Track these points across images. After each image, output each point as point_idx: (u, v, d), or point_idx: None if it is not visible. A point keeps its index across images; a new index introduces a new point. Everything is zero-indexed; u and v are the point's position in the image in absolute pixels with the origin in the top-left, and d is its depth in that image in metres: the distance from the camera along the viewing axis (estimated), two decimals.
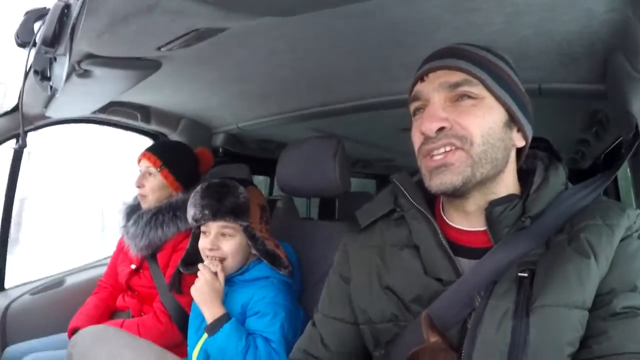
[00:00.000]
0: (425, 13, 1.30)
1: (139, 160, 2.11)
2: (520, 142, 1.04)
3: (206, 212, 1.64)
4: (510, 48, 1.06)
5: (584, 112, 2.25)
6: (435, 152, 0.98)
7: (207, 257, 1.66)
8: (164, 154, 2.10)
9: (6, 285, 2.25)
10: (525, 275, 0.91)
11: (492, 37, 1.09)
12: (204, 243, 1.67)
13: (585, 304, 0.88)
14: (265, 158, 3.17)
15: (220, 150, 2.90)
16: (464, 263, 1.01)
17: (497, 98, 0.99)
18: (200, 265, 1.62)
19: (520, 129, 1.02)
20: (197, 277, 1.63)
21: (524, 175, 1.08)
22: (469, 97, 0.98)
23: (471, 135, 0.96)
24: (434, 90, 1.00)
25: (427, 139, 0.99)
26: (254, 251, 1.69)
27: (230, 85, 2.07)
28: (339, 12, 1.25)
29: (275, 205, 2.18)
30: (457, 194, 1.01)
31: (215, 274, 1.62)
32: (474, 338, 0.90)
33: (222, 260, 1.65)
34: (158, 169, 2.06)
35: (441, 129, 0.97)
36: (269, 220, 1.82)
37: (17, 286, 2.29)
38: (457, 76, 0.99)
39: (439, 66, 1.01)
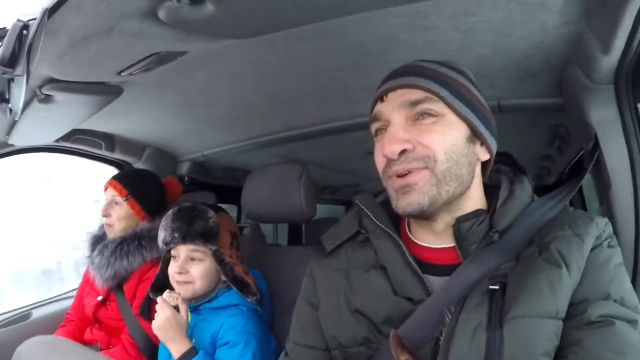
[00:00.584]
0: (381, 33, 1.33)
1: (105, 189, 2.09)
2: (485, 156, 1.04)
3: (176, 235, 1.64)
4: (468, 66, 1.08)
5: (545, 127, 2.29)
6: (399, 174, 0.98)
7: (176, 282, 1.65)
8: (130, 182, 2.09)
9: None
10: (497, 287, 0.91)
11: (449, 55, 1.12)
12: (173, 267, 1.66)
13: (558, 314, 0.88)
14: (231, 186, 3.15)
15: (186, 178, 2.87)
16: (434, 281, 1.00)
17: (458, 114, 0.99)
18: (159, 300, 1.60)
19: (483, 143, 1.03)
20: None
21: (490, 190, 1.08)
22: (430, 114, 0.98)
23: (434, 153, 0.96)
24: (393, 109, 1.00)
25: (390, 161, 0.99)
26: (223, 278, 1.68)
27: (194, 111, 2.07)
28: (297, 34, 1.28)
29: (242, 233, 2.18)
30: (425, 216, 1.00)
31: (176, 307, 1.60)
32: (447, 352, 0.89)
33: (188, 284, 1.64)
34: (124, 198, 2.04)
35: (403, 151, 0.97)
36: (239, 246, 1.80)
37: None
38: (416, 94, 0.99)
39: (398, 85, 1.01)
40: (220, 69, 1.59)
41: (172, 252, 1.68)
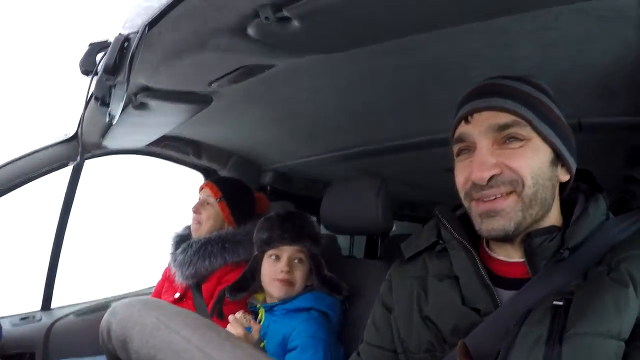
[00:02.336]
0: (462, 48, 1.33)
1: (201, 189, 2.21)
2: (565, 177, 1.03)
3: (286, 235, 1.73)
4: (548, 82, 1.06)
5: (628, 148, 2.18)
6: (487, 199, 0.98)
7: (278, 280, 1.72)
8: (225, 187, 2.19)
9: (53, 305, 2.33)
10: (561, 303, 0.89)
11: (530, 72, 1.09)
12: (275, 267, 1.74)
13: (621, 335, 0.84)
14: (311, 197, 3.17)
15: (268, 187, 2.93)
16: (503, 294, 1.00)
17: (544, 138, 0.97)
18: (230, 319, 1.62)
19: (564, 164, 1.02)
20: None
21: (566, 207, 1.06)
22: (517, 138, 0.97)
23: (522, 179, 0.95)
24: (480, 133, 0.99)
25: (476, 186, 0.98)
26: (309, 282, 1.78)
27: (278, 123, 2.13)
28: (378, 50, 1.29)
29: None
30: (508, 239, 1.00)
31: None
32: None
33: (291, 284, 1.72)
34: (217, 200, 2.14)
35: (492, 176, 0.96)
36: None
37: (64, 307, 2.37)
38: (504, 117, 0.97)
39: (485, 107, 1.00)
40: (305, 83, 1.63)
41: (272, 252, 1.76)
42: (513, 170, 0.95)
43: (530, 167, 0.96)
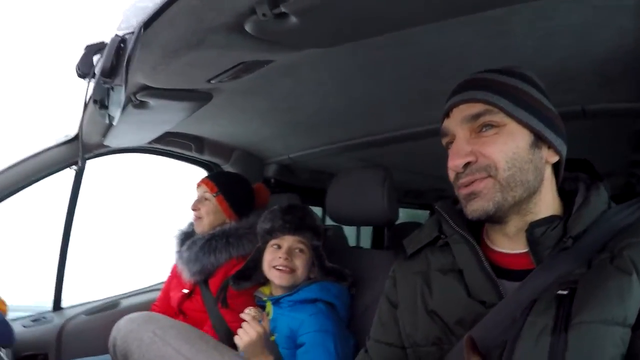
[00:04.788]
0: (457, 40, 1.34)
1: (198, 186, 2.22)
2: (553, 158, 1.04)
3: (288, 225, 1.77)
4: (548, 70, 1.09)
5: (632, 133, 2.19)
6: (466, 184, 1.02)
7: (277, 268, 1.74)
8: (221, 181, 2.20)
9: (63, 305, 2.35)
10: (565, 292, 0.90)
11: (527, 59, 1.11)
12: (275, 254, 1.77)
13: (627, 321, 0.85)
14: (316, 188, 3.18)
15: (273, 180, 2.94)
16: (507, 285, 1.00)
17: (520, 122, 1.00)
18: (246, 317, 1.59)
19: (550, 146, 1.03)
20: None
21: (567, 197, 1.07)
22: (491, 126, 1.01)
23: (495, 163, 0.98)
24: (457, 125, 1.05)
25: (457, 173, 1.03)
26: (312, 275, 1.80)
27: (280, 116, 2.13)
28: (377, 43, 1.29)
29: (326, 234, 2.22)
30: (494, 219, 1.03)
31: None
32: (511, 354, 0.89)
33: (292, 271, 1.74)
34: (214, 195, 2.16)
35: (468, 163, 1.01)
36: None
37: (74, 306, 2.39)
38: (476, 108, 1.02)
39: (460, 100, 1.05)
40: (305, 76, 1.63)
41: (274, 242, 1.80)
42: (486, 157, 0.99)
43: (504, 152, 0.99)
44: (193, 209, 2.18)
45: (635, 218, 0.99)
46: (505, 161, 0.98)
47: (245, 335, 1.56)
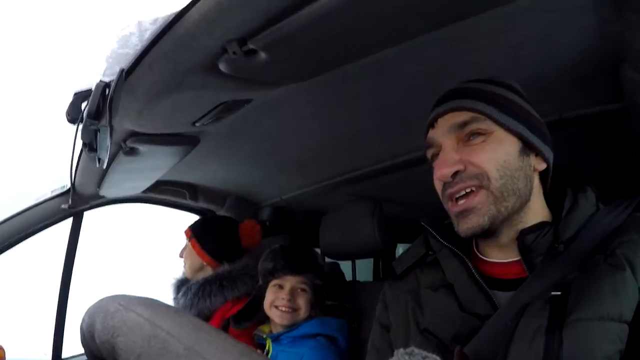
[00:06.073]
0: (430, 61, 1.34)
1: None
2: (541, 166, 1.04)
3: (291, 266, 1.80)
4: (521, 82, 1.09)
5: (615, 137, 2.10)
6: (457, 196, 1.00)
7: (280, 309, 1.77)
8: (195, 226, 2.26)
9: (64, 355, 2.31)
10: (559, 293, 0.90)
11: (501, 74, 1.09)
12: (279, 295, 1.79)
13: (623, 317, 0.84)
14: (311, 228, 3.19)
15: (268, 223, 2.95)
16: (501, 296, 0.99)
17: (507, 129, 1.00)
18: None
19: (538, 153, 1.03)
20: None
21: (554, 202, 1.07)
22: (479, 134, 1.00)
23: (486, 172, 0.97)
24: (443, 134, 1.04)
25: (445, 184, 1.02)
26: (313, 313, 1.82)
27: (268, 157, 2.17)
28: (353, 72, 1.31)
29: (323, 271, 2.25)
30: (488, 234, 1.01)
31: None
32: (505, 356, 0.88)
33: (294, 310, 1.77)
34: (188, 239, 2.22)
35: (456, 172, 0.99)
36: None
37: (75, 356, 2.38)
38: (463, 116, 1.01)
39: (445, 110, 1.04)
40: (285, 114, 1.67)
41: (276, 282, 1.83)
42: (476, 165, 0.98)
43: (494, 159, 0.98)
44: (180, 257, 2.25)
45: (624, 218, 0.99)
46: (496, 169, 0.98)
47: None
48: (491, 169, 0.98)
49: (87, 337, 0.68)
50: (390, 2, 0.94)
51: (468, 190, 0.99)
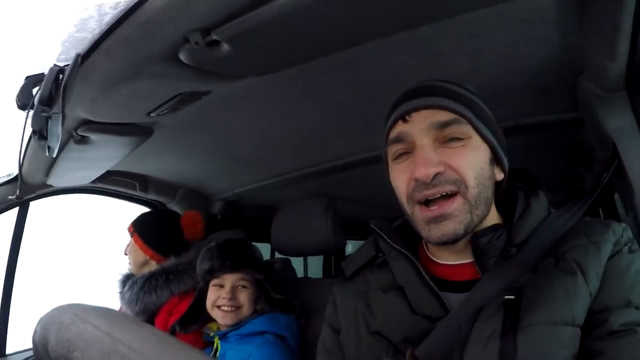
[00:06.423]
0: (392, 62, 1.35)
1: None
2: (500, 176, 1.04)
3: (227, 264, 1.77)
4: (481, 87, 1.07)
5: (568, 145, 2.15)
6: (431, 199, 0.96)
7: (221, 308, 1.74)
8: (137, 221, 2.22)
9: (8, 350, 2.23)
10: (512, 297, 0.90)
11: (462, 78, 1.07)
12: (218, 294, 1.76)
13: (575, 321, 0.86)
14: (264, 224, 3.18)
15: (219, 217, 2.92)
16: (452, 298, 0.98)
17: (482, 137, 0.99)
18: None
19: (499, 163, 1.03)
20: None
21: (505, 205, 1.07)
22: (458, 138, 0.97)
23: (465, 179, 0.95)
24: (421, 131, 0.98)
25: (420, 185, 0.97)
26: (258, 307, 1.80)
27: (223, 151, 2.15)
28: (314, 69, 1.31)
29: (274, 267, 2.23)
30: (457, 241, 0.99)
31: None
32: None
33: (237, 308, 1.74)
34: (131, 234, 2.18)
35: (436, 174, 0.95)
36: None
37: (20, 352, 2.28)
38: (445, 115, 0.97)
39: (424, 105, 0.99)
40: (244, 108, 1.65)
41: (215, 282, 1.79)
42: (455, 170, 0.95)
43: (472, 166, 0.96)
44: (124, 253, 2.21)
45: (575, 222, 1.01)
46: (474, 177, 0.96)
47: None
48: (469, 176, 0.96)
49: (40, 350, 0.64)
50: (357, 3, 0.94)
51: (444, 193, 0.96)
